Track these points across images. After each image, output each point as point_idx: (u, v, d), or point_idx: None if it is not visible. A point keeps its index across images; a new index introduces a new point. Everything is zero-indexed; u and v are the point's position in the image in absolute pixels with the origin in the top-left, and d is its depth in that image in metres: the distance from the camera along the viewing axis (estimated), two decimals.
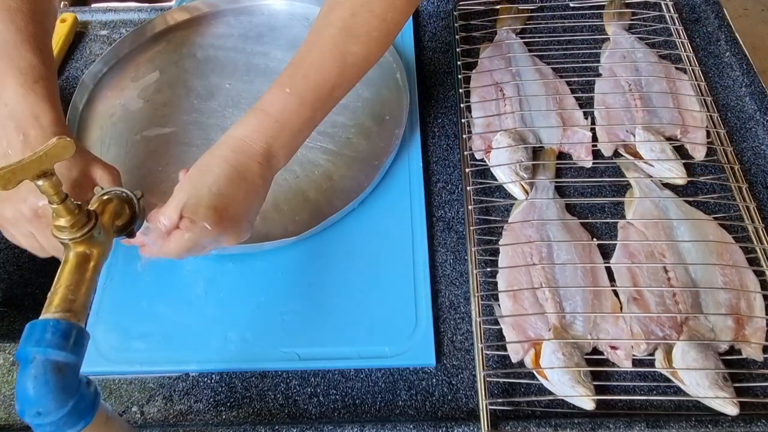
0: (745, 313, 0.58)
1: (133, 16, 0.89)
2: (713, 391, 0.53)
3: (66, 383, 0.38)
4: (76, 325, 0.40)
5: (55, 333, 0.39)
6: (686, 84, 0.77)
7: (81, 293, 0.42)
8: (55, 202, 0.42)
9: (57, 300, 0.41)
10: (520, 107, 0.75)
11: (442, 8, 0.89)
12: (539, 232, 0.65)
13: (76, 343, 0.40)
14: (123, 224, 0.49)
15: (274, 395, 0.57)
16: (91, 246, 0.44)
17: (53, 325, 0.39)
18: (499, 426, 0.53)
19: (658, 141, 0.70)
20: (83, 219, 0.44)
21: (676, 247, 0.63)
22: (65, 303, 0.41)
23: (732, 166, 0.69)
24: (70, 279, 0.43)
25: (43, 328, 0.39)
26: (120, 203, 0.49)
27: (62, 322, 0.40)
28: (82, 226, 0.44)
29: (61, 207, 0.42)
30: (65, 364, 0.39)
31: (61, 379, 0.38)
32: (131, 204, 0.50)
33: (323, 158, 0.71)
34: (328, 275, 0.63)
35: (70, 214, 0.43)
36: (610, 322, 0.58)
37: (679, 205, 0.67)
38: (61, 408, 0.38)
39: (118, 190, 0.50)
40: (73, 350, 0.39)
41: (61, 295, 0.42)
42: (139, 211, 0.51)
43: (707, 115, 0.74)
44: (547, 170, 0.70)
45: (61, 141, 0.40)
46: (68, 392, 0.38)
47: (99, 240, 0.45)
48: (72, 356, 0.39)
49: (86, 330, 0.41)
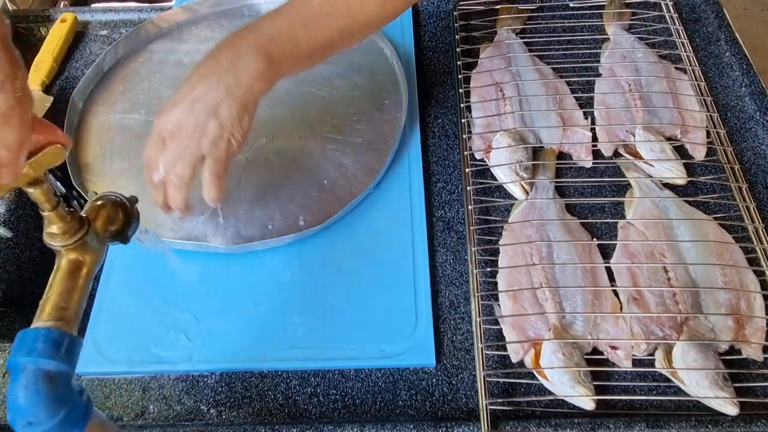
0: (745, 313, 0.58)
1: (133, 16, 0.89)
2: (713, 391, 0.53)
3: (57, 392, 0.38)
4: (68, 334, 0.40)
5: (47, 342, 0.38)
6: (686, 84, 0.77)
7: (73, 301, 0.42)
8: (47, 209, 0.41)
9: (48, 308, 0.41)
10: (520, 107, 0.75)
11: (442, 8, 0.89)
12: (539, 232, 0.64)
13: (67, 352, 0.39)
14: (117, 229, 0.48)
15: (274, 395, 0.57)
16: (83, 253, 0.44)
17: (44, 334, 0.39)
18: (499, 426, 0.53)
19: (658, 141, 0.70)
20: (75, 225, 0.43)
21: (676, 247, 0.63)
22: (57, 311, 0.41)
23: (732, 166, 0.69)
24: (62, 286, 0.42)
25: (35, 337, 0.38)
26: (113, 208, 0.48)
27: (54, 330, 0.39)
28: (74, 232, 0.43)
29: (53, 214, 0.41)
30: (57, 373, 0.38)
31: (52, 388, 0.38)
32: (125, 208, 0.49)
33: (331, 148, 0.72)
34: (328, 275, 0.63)
35: (62, 221, 0.42)
36: (610, 322, 0.58)
37: (679, 205, 0.67)
38: (53, 417, 0.37)
39: (112, 194, 0.49)
40: (65, 359, 0.39)
41: (52, 303, 0.41)
42: (132, 215, 0.50)
43: (707, 115, 0.74)
44: (547, 170, 0.70)
45: (52, 148, 0.39)
46: (60, 401, 0.38)
47: (92, 247, 0.44)
48: (63, 365, 0.39)
49: (79, 338, 0.41)
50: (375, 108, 0.76)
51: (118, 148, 0.73)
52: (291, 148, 0.72)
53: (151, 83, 0.79)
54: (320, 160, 0.71)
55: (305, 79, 0.78)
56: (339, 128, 0.74)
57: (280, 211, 0.67)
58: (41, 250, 0.70)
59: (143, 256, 0.64)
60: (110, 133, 0.74)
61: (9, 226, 0.67)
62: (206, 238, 0.65)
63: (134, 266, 0.64)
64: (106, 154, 0.72)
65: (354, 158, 0.71)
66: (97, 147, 0.73)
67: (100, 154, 0.72)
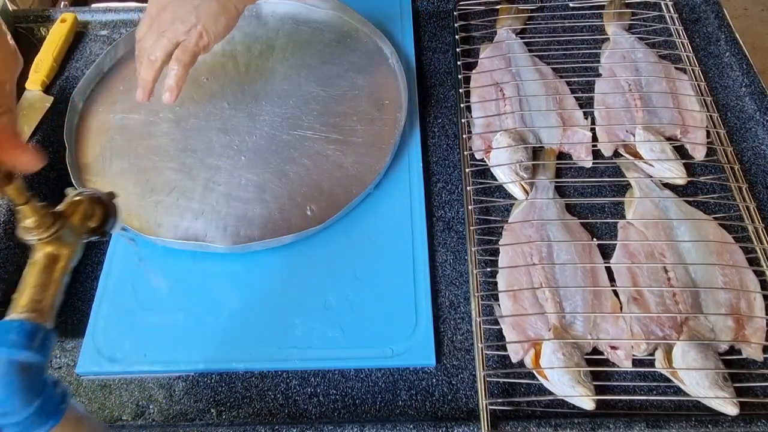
0: (745, 313, 0.58)
1: (133, 16, 0.89)
2: (713, 391, 0.53)
3: (31, 383, 0.38)
4: (42, 326, 0.40)
5: (20, 333, 0.39)
6: (686, 84, 0.77)
7: (48, 294, 0.42)
8: (20, 203, 0.42)
9: (23, 300, 0.41)
10: (520, 107, 0.75)
11: (442, 8, 0.89)
12: (539, 232, 0.65)
13: (42, 344, 0.40)
14: (96, 225, 0.49)
15: (274, 395, 0.57)
16: (59, 247, 0.44)
17: (18, 326, 0.39)
18: (499, 426, 0.53)
19: (658, 141, 0.70)
20: (49, 220, 0.43)
21: (677, 247, 0.63)
22: (31, 303, 0.41)
23: (732, 166, 0.69)
24: (37, 279, 0.42)
25: (8, 329, 0.39)
26: (90, 204, 0.49)
27: (27, 322, 0.40)
28: (48, 227, 0.43)
29: (26, 208, 0.42)
30: (29, 364, 0.38)
31: (26, 378, 0.38)
32: (103, 204, 0.49)
33: (331, 148, 0.72)
34: (328, 275, 0.63)
35: (35, 214, 0.42)
36: (610, 322, 0.58)
37: (679, 205, 0.67)
38: (26, 408, 0.38)
39: (89, 190, 0.50)
40: (39, 350, 0.39)
41: (27, 296, 0.41)
42: (111, 211, 0.50)
43: (707, 115, 0.74)
44: (547, 170, 0.70)
45: None
46: (33, 392, 0.38)
47: (68, 241, 0.45)
48: (37, 356, 0.39)
49: (53, 331, 0.41)
50: (375, 108, 0.76)
51: (118, 148, 0.73)
52: (291, 147, 0.72)
53: None
54: (320, 160, 0.71)
55: (305, 79, 0.78)
56: (339, 128, 0.74)
57: (280, 211, 0.67)
58: None
59: (142, 256, 0.65)
60: (110, 133, 0.74)
61: (9, 227, 0.67)
62: (206, 238, 0.65)
63: (134, 266, 0.64)
64: (106, 154, 0.72)
65: (354, 158, 0.71)
66: (97, 147, 0.73)
67: (100, 154, 0.72)
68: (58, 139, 0.72)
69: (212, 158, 0.71)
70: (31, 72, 0.79)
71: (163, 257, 0.64)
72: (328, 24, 0.85)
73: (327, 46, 0.82)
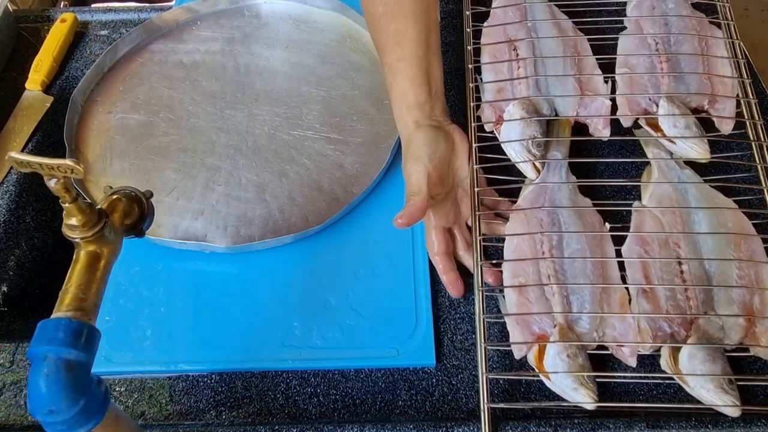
0: (758, 309, 0.55)
1: (133, 16, 0.89)
2: (717, 395, 0.52)
3: (78, 382, 0.39)
4: (87, 324, 0.41)
5: (67, 331, 0.39)
6: (720, 43, 0.69)
7: (92, 292, 0.43)
8: (67, 201, 0.42)
9: (68, 299, 0.41)
10: (535, 71, 0.69)
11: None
12: (549, 216, 0.61)
13: (87, 342, 0.40)
14: (132, 223, 0.49)
15: (274, 395, 0.57)
16: (101, 245, 0.44)
17: (65, 324, 0.39)
18: (500, 426, 0.53)
19: (682, 115, 0.64)
20: (94, 218, 0.44)
21: (692, 236, 0.59)
22: (76, 302, 0.41)
23: (761, 143, 0.63)
24: (81, 278, 0.43)
25: (56, 327, 0.39)
26: (129, 202, 0.49)
27: (74, 320, 0.40)
28: (93, 225, 0.43)
29: (72, 206, 0.42)
30: (77, 362, 0.39)
31: (72, 377, 0.38)
32: (140, 203, 0.50)
33: (330, 148, 0.72)
34: (328, 275, 0.63)
35: (81, 213, 0.43)
36: (617, 316, 0.56)
37: (700, 189, 0.62)
38: (73, 406, 0.38)
39: (128, 189, 0.50)
40: (85, 348, 0.39)
41: (72, 294, 0.42)
42: (147, 210, 0.51)
43: (739, 81, 0.66)
44: (561, 146, 0.66)
45: None
46: (80, 391, 0.39)
47: (110, 239, 0.45)
48: (83, 354, 0.39)
49: (97, 329, 0.42)
50: (375, 108, 0.76)
51: (118, 148, 0.73)
52: (291, 147, 0.72)
53: (151, 83, 0.79)
54: (320, 160, 0.71)
55: (305, 79, 0.78)
56: (339, 128, 0.74)
57: (280, 211, 0.67)
58: (41, 250, 0.70)
59: (142, 256, 0.64)
60: (110, 133, 0.74)
61: (10, 227, 0.67)
62: (206, 237, 0.65)
63: (134, 266, 0.64)
64: (106, 154, 0.72)
65: (354, 158, 0.71)
66: (97, 147, 0.73)
67: (100, 154, 0.72)
68: (58, 139, 0.72)
69: (212, 158, 0.71)
70: (31, 72, 0.79)
71: (162, 257, 0.64)
72: (328, 24, 0.85)
73: (327, 46, 0.82)
